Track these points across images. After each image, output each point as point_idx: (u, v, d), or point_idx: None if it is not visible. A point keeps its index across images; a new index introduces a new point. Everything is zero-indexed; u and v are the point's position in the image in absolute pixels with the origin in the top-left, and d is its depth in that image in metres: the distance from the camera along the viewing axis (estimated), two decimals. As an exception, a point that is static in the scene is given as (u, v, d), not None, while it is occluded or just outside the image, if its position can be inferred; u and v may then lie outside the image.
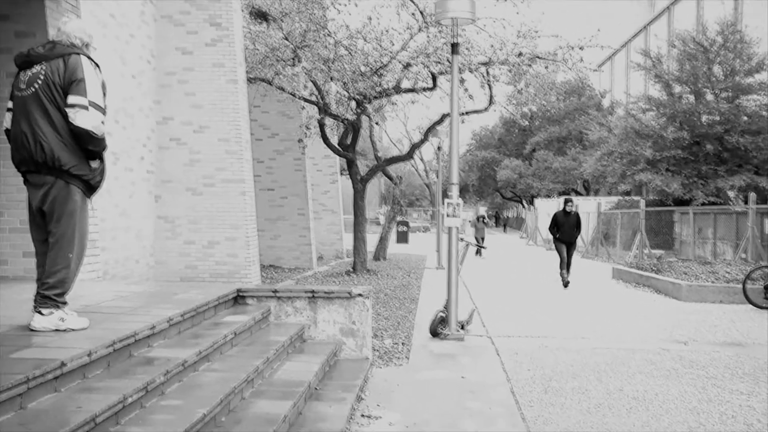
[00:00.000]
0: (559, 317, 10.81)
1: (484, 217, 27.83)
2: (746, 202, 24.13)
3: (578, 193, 50.45)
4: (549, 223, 15.74)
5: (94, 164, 4.69)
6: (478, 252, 25.40)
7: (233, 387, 4.55)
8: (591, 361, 7.57)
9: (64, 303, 4.61)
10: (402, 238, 35.19)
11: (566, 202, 15.47)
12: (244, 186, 11.75)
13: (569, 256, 15.24)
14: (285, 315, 6.96)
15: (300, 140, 17.42)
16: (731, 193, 26.92)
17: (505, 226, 69.29)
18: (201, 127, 11.74)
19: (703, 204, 25.03)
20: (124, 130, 10.50)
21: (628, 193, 36.73)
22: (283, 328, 6.61)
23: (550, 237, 19.32)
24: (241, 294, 6.94)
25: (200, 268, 11.73)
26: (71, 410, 3.44)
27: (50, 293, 4.51)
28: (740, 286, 12.41)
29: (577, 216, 15.35)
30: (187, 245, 11.73)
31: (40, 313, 4.51)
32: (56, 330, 4.49)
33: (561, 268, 15.18)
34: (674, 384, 6.60)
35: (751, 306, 11.97)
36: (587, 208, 31.41)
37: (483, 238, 26.58)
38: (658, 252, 23.22)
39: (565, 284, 14.89)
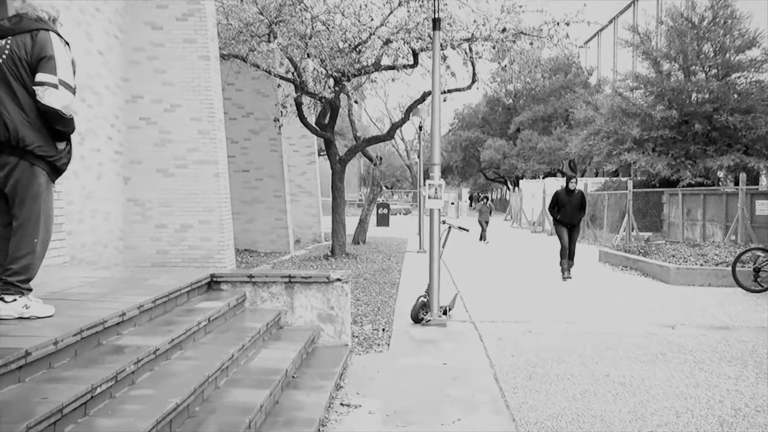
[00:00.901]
0: (544, 301, 10.88)
1: (488, 198, 26.60)
2: (736, 183, 24.36)
3: (564, 174, 50.68)
4: (551, 202, 14.46)
5: (61, 145, 4.62)
6: (482, 238, 24.82)
7: (207, 375, 4.54)
8: (577, 346, 7.63)
9: (29, 290, 4.57)
10: (382, 220, 35.20)
11: (569, 179, 14.20)
12: (218, 167, 11.67)
13: (572, 242, 13.96)
14: (261, 301, 6.95)
15: (276, 119, 17.32)
16: (721, 174, 27.15)
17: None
18: (172, 106, 11.63)
19: (691, 185, 25.20)
20: (91, 109, 10.39)
21: (615, 174, 36.99)
22: (259, 315, 6.60)
23: (535, 219, 19.21)
24: (215, 279, 6.91)
25: (172, 253, 11.67)
26: (36, 401, 3.41)
27: (14, 279, 4.47)
28: (729, 268, 12.52)
29: (581, 195, 14.08)
30: (158, 229, 11.66)
31: (2, 300, 4.46)
32: (20, 318, 4.45)
33: (562, 256, 13.98)
34: (661, 369, 6.68)
35: (740, 289, 12.10)
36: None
37: (487, 222, 25.43)
38: (645, 234, 23.45)
39: (564, 277, 13.73)
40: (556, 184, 34.13)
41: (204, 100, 11.63)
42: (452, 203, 55.35)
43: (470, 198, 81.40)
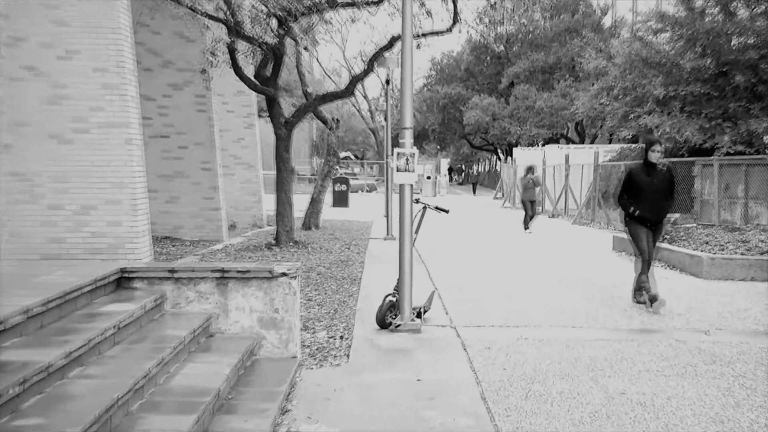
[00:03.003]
0: (544, 301, 10.95)
1: (532, 170, 24.91)
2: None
3: (569, 140, 51.07)
4: (618, 186, 11.15)
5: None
6: (530, 221, 24.01)
7: (116, 398, 4.51)
8: (584, 357, 7.69)
9: None
10: (340, 200, 35.25)
11: (650, 144, 10.68)
12: (129, 132, 11.55)
13: (652, 243, 10.86)
14: (186, 302, 6.91)
15: (204, 71, 17.17)
16: (768, 139, 27.37)
17: (475, 184, 69.87)
18: (68, 52, 11.47)
19: (729, 153, 25.35)
20: (-38, 56, 10.21)
21: (634, 140, 37.25)
22: (184, 320, 6.57)
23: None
24: (126, 275, 6.87)
25: (70, 242, 11.55)
26: None
27: None
28: (777, 258, 12.66)
29: (669, 174, 10.81)
30: (51, 211, 11.52)
31: None
32: None
33: (641, 271, 10.75)
34: (691, 385, 6.75)
35: (791, 284, 12.29)
36: (581, 159, 31.80)
37: (533, 202, 24.23)
38: (672, 216, 23.66)
39: (649, 306, 10.45)
40: (559, 152, 34.34)
41: (110, 45, 11.47)
42: (428, 177, 55.46)
43: (449, 171, 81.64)
